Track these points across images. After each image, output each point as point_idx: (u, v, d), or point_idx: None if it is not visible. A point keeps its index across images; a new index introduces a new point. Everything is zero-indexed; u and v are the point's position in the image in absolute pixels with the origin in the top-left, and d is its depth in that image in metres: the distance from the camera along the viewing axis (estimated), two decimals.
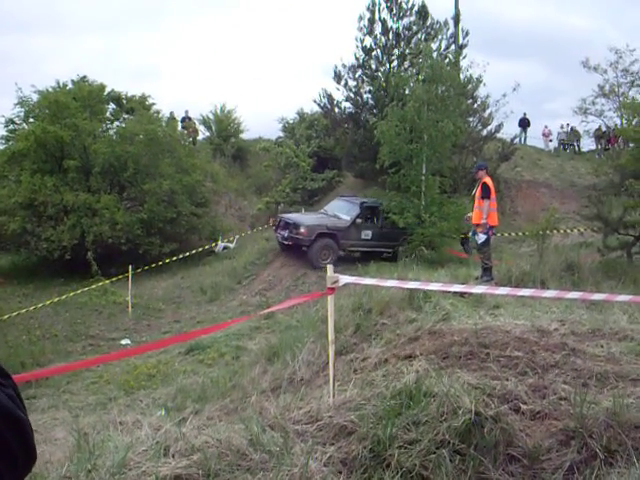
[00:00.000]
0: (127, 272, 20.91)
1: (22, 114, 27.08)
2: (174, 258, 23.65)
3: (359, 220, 23.10)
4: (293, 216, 24.03)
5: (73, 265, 23.72)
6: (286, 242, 22.89)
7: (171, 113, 34.36)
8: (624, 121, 29.11)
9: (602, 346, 6.80)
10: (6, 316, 17.92)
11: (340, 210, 23.94)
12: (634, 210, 15.61)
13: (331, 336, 5.80)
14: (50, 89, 27.13)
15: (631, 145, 18.64)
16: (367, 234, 23.17)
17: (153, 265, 23.19)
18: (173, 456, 4.22)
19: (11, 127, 27.12)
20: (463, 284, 10.73)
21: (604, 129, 37.86)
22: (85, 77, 28.60)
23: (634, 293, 8.82)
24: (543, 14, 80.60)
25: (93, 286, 20.95)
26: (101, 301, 20.73)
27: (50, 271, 24.12)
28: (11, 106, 27.27)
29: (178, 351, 15.06)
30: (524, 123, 39.86)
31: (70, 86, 27.96)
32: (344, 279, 5.98)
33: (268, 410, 5.17)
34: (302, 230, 22.14)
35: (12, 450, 1.11)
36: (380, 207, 23.56)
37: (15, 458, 1.12)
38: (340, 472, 4.11)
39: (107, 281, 21.48)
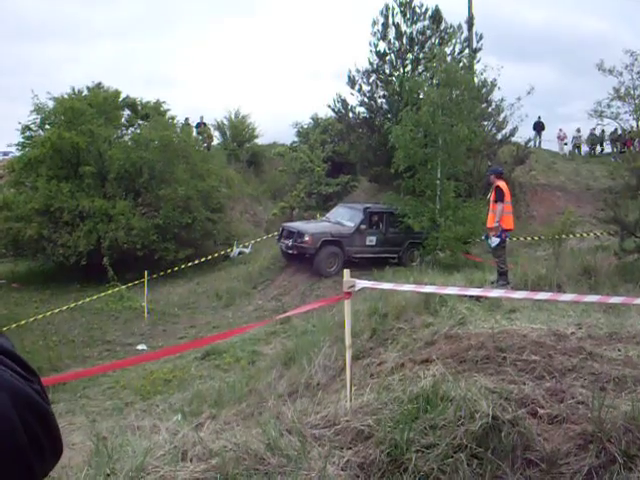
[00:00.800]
0: (143, 278, 20.98)
1: (38, 121, 27.34)
2: (189, 264, 23.72)
3: (363, 226, 22.87)
4: (296, 224, 23.72)
5: (89, 271, 23.85)
6: (290, 251, 22.50)
7: (186, 119, 34.54)
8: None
9: (620, 350, 6.76)
10: (23, 321, 18.03)
11: (343, 217, 23.71)
12: None
13: (348, 340, 5.81)
14: (66, 96, 27.33)
15: None
16: (371, 240, 23.06)
17: (169, 271, 23.28)
18: (191, 460, 4.24)
19: (27, 134, 27.35)
20: (479, 288, 10.70)
21: (620, 132, 37.71)
22: (100, 84, 28.88)
23: None
24: (557, 17, 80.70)
25: (109, 292, 21.05)
26: (117, 306, 20.83)
27: (66, 277, 24.26)
28: (27, 113, 27.48)
29: (194, 356, 15.10)
30: (539, 127, 39.82)
31: (85, 93, 28.22)
32: (361, 284, 5.99)
33: (285, 414, 5.17)
34: (307, 238, 21.80)
35: (41, 443, 1.14)
36: (383, 212, 23.52)
37: (43, 451, 1.15)
38: (357, 476, 4.11)
39: (123, 287, 21.56)
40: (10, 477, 1.08)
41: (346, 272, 5.94)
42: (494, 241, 13.10)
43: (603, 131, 39.82)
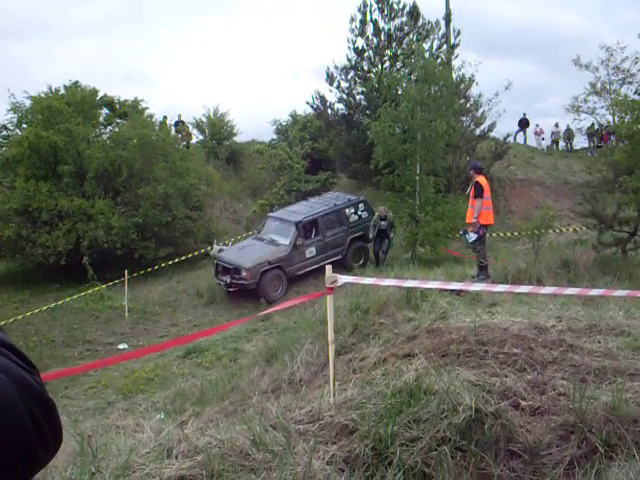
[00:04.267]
0: (123, 277, 20.88)
1: (15, 120, 27.11)
2: (170, 262, 23.65)
3: (299, 242, 21.64)
4: (230, 257, 21.75)
5: (69, 270, 23.71)
6: (231, 289, 21.06)
7: (165, 117, 34.45)
8: (616, 118, 29.21)
9: (599, 342, 6.83)
10: (2, 322, 17.89)
11: (276, 232, 22.43)
12: (628, 206, 15.68)
13: (331, 335, 5.83)
14: (43, 95, 27.10)
15: (624, 142, 18.69)
16: (311, 251, 22.01)
17: (149, 269, 23.19)
18: (176, 457, 4.24)
19: (4, 133, 27.18)
20: (460, 282, 10.76)
21: (597, 127, 37.99)
22: (77, 82, 28.61)
23: (630, 288, 8.86)
24: (534, 12, 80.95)
25: (89, 291, 20.96)
26: (97, 306, 20.74)
27: (46, 277, 24.10)
28: (4, 112, 27.29)
29: (176, 354, 15.09)
30: (523, 123, 40.04)
31: (62, 91, 27.94)
32: (343, 279, 6.00)
33: (269, 410, 5.18)
34: (244, 274, 20.47)
35: (45, 432, 1.18)
36: (317, 217, 22.24)
37: (47, 440, 1.19)
38: (343, 470, 4.13)
39: (103, 286, 21.46)
40: (16, 463, 1.11)
41: (328, 268, 5.95)
42: (471, 237, 13.13)
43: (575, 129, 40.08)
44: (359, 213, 23.15)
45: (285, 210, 24.26)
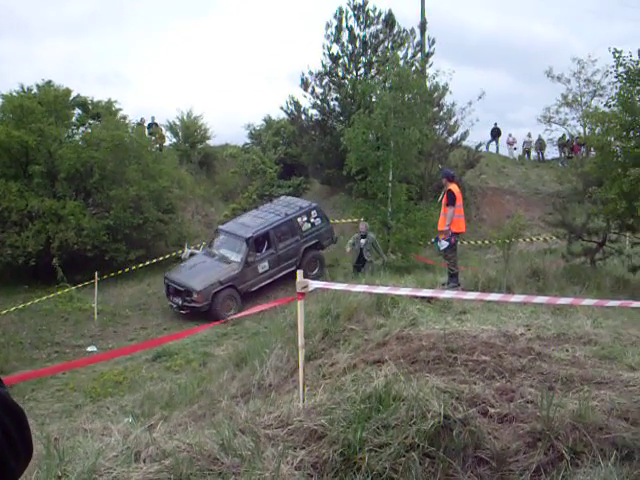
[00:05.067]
0: (93, 279, 20.73)
1: None
2: (140, 265, 23.48)
3: (250, 257, 21.13)
4: (181, 278, 21.06)
5: (38, 271, 23.50)
6: (183, 312, 20.39)
7: (141, 119, 34.33)
8: (587, 130, 29.55)
9: (567, 350, 6.90)
10: None
11: (226, 247, 21.93)
12: (597, 217, 15.86)
13: (301, 340, 5.83)
14: (14, 93, 26.86)
15: (594, 153, 18.94)
16: (264, 266, 21.50)
17: (119, 272, 22.99)
18: (144, 461, 4.22)
19: None
20: (430, 290, 10.80)
21: (567, 138, 38.42)
22: (50, 82, 28.33)
23: (598, 298, 8.95)
24: (509, 23, 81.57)
25: (58, 293, 20.79)
26: (67, 308, 20.58)
27: (14, 277, 23.83)
28: None
29: (145, 358, 15.03)
30: (495, 132, 40.36)
31: (35, 91, 27.70)
32: (314, 284, 6.01)
33: (238, 415, 5.17)
34: (195, 297, 19.98)
35: (16, 443, 1.15)
36: (268, 229, 21.74)
37: (18, 451, 1.16)
38: (311, 476, 4.13)
39: (73, 288, 21.29)
40: None
41: (299, 273, 5.96)
42: (443, 244, 13.17)
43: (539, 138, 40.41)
44: (312, 220, 22.77)
45: (235, 222, 23.57)
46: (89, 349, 17.16)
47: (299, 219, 22.48)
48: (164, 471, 4.02)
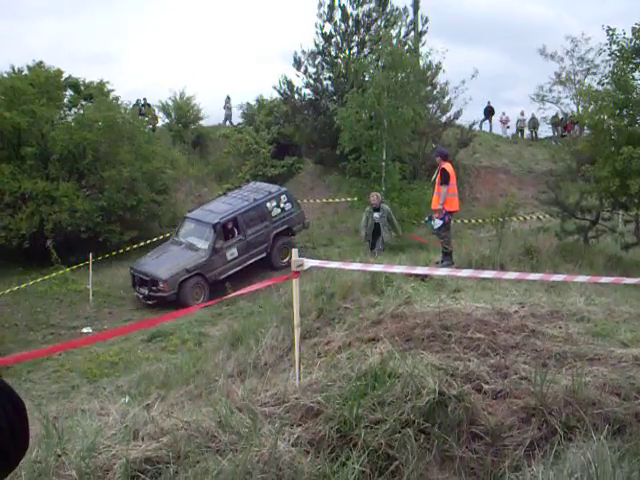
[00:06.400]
0: (87, 260, 20.71)
1: None
2: (134, 246, 23.42)
3: (218, 244, 20.52)
4: (146, 267, 20.54)
5: (32, 253, 23.44)
6: (150, 302, 19.74)
7: (137, 100, 34.33)
8: (580, 108, 29.57)
9: (560, 327, 6.95)
10: None
11: (193, 235, 21.36)
12: (590, 195, 15.92)
13: (297, 319, 5.86)
14: (5, 75, 26.69)
15: (587, 131, 18.95)
16: (233, 253, 20.89)
17: (113, 253, 22.96)
18: (142, 439, 4.25)
19: None
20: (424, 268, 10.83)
21: (561, 116, 38.40)
22: (42, 63, 28.11)
23: (591, 275, 9.00)
24: (502, 1, 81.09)
25: (53, 274, 20.75)
26: (61, 289, 20.57)
27: (8, 260, 23.77)
28: None
29: (140, 338, 15.07)
30: (489, 111, 40.27)
31: (26, 72, 27.50)
32: (309, 262, 6.03)
33: (235, 393, 5.20)
34: (161, 286, 19.50)
35: (16, 432, 1.17)
36: (236, 215, 21.17)
37: (18, 440, 1.18)
38: (308, 452, 4.17)
39: (67, 269, 21.24)
40: None
41: (294, 251, 5.98)
42: (437, 223, 13.19)
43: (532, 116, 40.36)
44: (282, 205, 22.21)
45: (202, 209, 23.00)
46: (84, 330, 17.17)
47: (268, 204, 21.93)
48: (162, 448, 4.06)
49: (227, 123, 38.88)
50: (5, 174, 23.67)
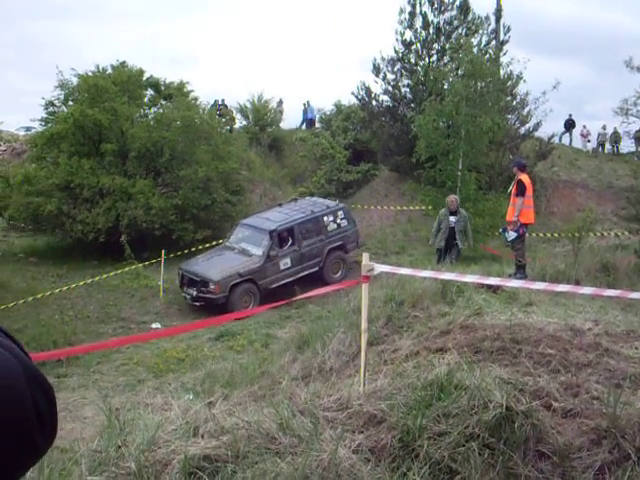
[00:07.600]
0: (160, 257, 21.04)
1: (62, 97, 27.27)
2: (207, 245, 23.66)
3: (273, 252, 20.15)
4: (197, 267, 20.27)
5: (107, 248, 23.91)
6: (197, 303, 19.32)
7: (215, 101, 34.78)
8: None
9: (637, 348, 6.72)
10: (39, 295, 18.11)
11: (248, 241, 20.97)
12: None
13: (364, 324, 5.79)
14: (90, 73, 27.30)
15: None
16: (286, 263, 20.50)
17: (186, 251, 23.22)
18: (202, 436, 4.26)
19: (51, 109, 27.34)
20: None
21: None
22: (124, 62, 28.74)
23: None
24: (587, 11, 79.76)
25: (126, 269, 21.10)
26: (133, 284, 20.92)
27: (84, 253, 24.32)
28: (51, 89, 27.49)
29: (208, 337, 15.21)
30: (569, 124, 39.55)
31: (109, 71, 28.12)
32: (379, 267, 5.96)
33: (298, 396, 5.17)
34: (212, 287, 18.96)
35: (44, 419, 1.15)
36: (293, 225, 20.91)
37: (46, 427, 1.15)
38: (369, 460, 4.10)
39: (140, 265, 21.59)
40: (15, 448, 1.08)
41: (365, 255, 5.91)
42: (511, 235, 13.00)
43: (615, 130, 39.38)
44: (338, 221, 21.90)
45: (258, 217, 22.45)
46: (153, 326, 17.42)
47: (325, 218, 21.68)
48: (222, 447, 4.05)
49: (303, 127, 39.13)
50: (85, 169, 24.19)
